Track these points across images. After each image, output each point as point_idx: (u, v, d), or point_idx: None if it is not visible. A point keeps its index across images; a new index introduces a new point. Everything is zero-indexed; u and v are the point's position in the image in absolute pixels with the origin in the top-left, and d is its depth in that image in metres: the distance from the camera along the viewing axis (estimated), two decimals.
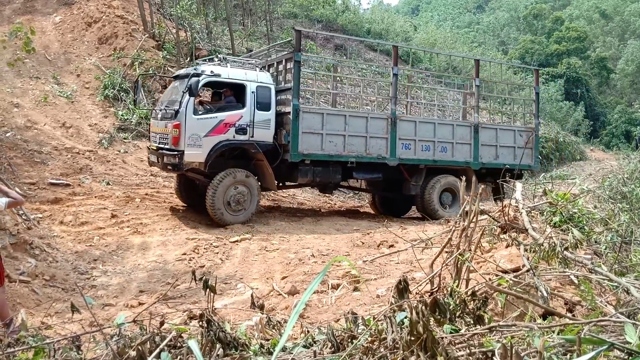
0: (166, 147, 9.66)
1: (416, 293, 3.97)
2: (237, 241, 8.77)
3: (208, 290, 2.93)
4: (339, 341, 2.59)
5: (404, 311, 2.52)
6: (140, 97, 14.34)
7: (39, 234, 8.05)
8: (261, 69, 10.80)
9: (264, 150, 10.08)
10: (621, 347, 2.09)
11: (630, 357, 2.09)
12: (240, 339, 2.67)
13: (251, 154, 10.13)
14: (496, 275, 3.82)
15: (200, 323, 2.68)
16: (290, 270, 7.21)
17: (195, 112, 9.62)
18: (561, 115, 33.30)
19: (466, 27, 60.33)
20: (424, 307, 2.37)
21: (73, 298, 6.14)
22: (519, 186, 5.54)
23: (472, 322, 2.93)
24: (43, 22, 16.95)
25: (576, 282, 3.76)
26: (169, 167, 9.67)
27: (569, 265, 3.87)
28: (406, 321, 2.37)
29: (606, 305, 3.27)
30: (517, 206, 4.97)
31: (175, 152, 9.42)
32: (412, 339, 2.25)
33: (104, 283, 7.10)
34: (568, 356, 2.23)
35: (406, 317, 2.38)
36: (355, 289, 5.97)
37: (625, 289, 3.30)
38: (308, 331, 2.96)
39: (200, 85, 9.54)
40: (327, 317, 5.08)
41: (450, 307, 2.89)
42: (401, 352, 2.27)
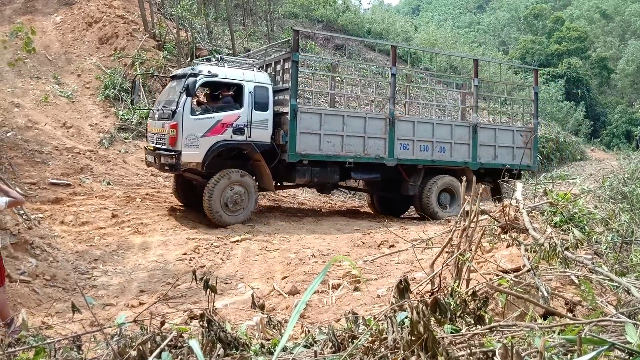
0: (163, 147, 9.63)
1: (417, 293, 3.97)
2: (237, 241, 8.77)
3: (209, 290, 2.93)
4: (339, 341, 2.59)
5: (404, 311, 2.52)
6: (141, 96, 14.35)
7: (39, 233, 8.06)
8: (259, 69, 10.76)
9: (262, 150, 10.05)
10: (622, 347, 2.09)
11: (631, 357, 2.09)
12: (240, 338, 2.67)
13: (249, 154, 10.09)
14: (497, 275, 3.82)
15: (200, 323, 2.68)
16: (291, 270, 7.21)
17: (193, 112, 9.57)
18: (562, 115, 33.31)
19: (467, 27, 60.31)
20: (424, 307, 2.37)
21: (74, 298, 6.13)
22: (519, 186, 5.54)
23: (472, 322, 2.93)
24: (44, 22, 16.96)
25: (577, 282, 3.75)
26: (166, 167, 9.64)
27: (569, 265, 3.87)
28: (407, 321, 2.37)
29: (607, 306, 3.27)
30: (517, 206, 4.97)
31: (173, 153, 9.39)
32: (413, 338, 2.26)
33: (104, 283, 7.11)
34: (569, 356, 2.23)
35: (407, 317, 2.38)
36: (356, 289, 5.97)
37: (626, 289, 3.31)
38: (309, 331, 2.97)
39: (197, 86, 9.49)
40: (328, 317, 5.08)
41: (451, 307, 2.89)
42: (402, 352, 2.27)
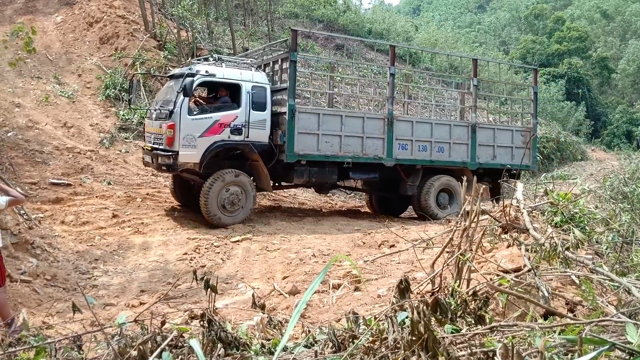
0: (160, 147, 9.58)
1: (417, 293, 3.97)
2: (238, 241, 8.77)
3: (209, 290, 2.93)
4: (340, 341, 2.59)
5: (405, 311, 2.52)
6: (141, 96, 14.35)
7: (40, 233, 8.06)
8: (257, 68, 10.71)
9: (260, 150, 10.00)
10: (622, 347, 2.09)
11: (631, 358, 2.09)
12: (241, 338, 2.67)
13: (246, 154, 10.05)
14: (497, 275, 3.82)
15: (201, 323, 2.68)
16: (291, 270, 7.21)
17: (190, 112, 9.50)
18: (562, 115, 33.30)
19: (467, 27, 60.31)
20: (425, 307, 2.37)
21: (74, 298, 6.14)
22: (520, 186, 5.54)
23: (473, 322, 2.93)
24: (44, 22, 16.97)
25: (577, 282, 3.75)
26: (163, 167, 9.58)
27: (570, 266, 3.87)
28: (407, 321, 2.37)
29: (607, 306, 3.27)
30: (518, 206, 4.97)
31: (170, 153, 9.34)
32: (414, 338, 2.26)
33: (105, 283, 7.11)
34: (569, 356, 2.23)
35: (407, 317, 2.38)
36: (356, 288, 5.97)
37: (627, 289, 3.31)
38: (309, 331, 2.97)
39: (195, 86, 9.44)
40: (328, 317, 5.08)
41: (452, 307, 2.89)
42: (402, 352, 2.27)
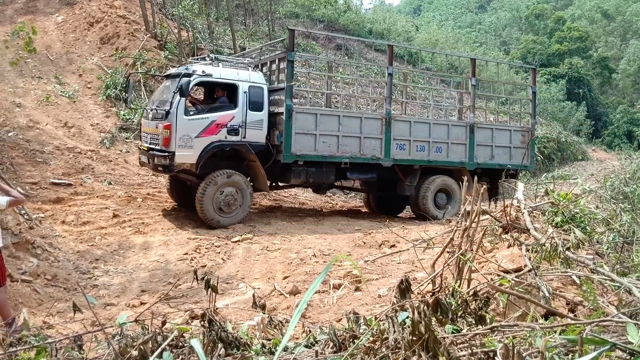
0: (157, 147, 9.54)
1: (418, 293, 3.97)
2: (238, 241, 8.77)
3: (210, 290, 2.93)
4: (340, 341, 2.59)
5: (405, 311, 2.52)
6: (142, 96, 14.35)
7: (40, 233, 8.07)
8: (254, 68, 10.65)
9: (257, 151, 9.93)
10: (623, 348, 2.08)
11: (632, 358, 2.09)
12: (242, 338, 2.67)
13: (243, 155, 9.99)
14: (498, 275, 3.82)
15: (202, 323, 2.68)
16: (292, 270, 7.21)
17: (186, 112, 9.45)
18: (563, 115, 33.30)
19: (468, 27, 60.30)
20: (425, 307, 2.37)
21: (75, 297, 6.13)
22: (520, 186, 5.54)
23: (473, 322, 2.93)
24: (45, 22, 16.98)
25: (578, 282, 3.75)
26: (159, 168, 9.54)
27: (570, 266, 3.87)
28: (408, 321, 2.36)
29: (608, 306, 3.27)
30: (519, 206, 4.97)
31: (166, 153, 9.29)
32: (414, 338, 2.26)
33: (105, 283, 7.11)
34: (570, 356, 2.23)
35: (408, 317, 2.38)
36: (357, 288, 5.97)
37: (627, 289, 3.30)
38: (310, 331, 2.97)
39: (191, 86, 9.40)
40: (329, 316, 5.09)
41: (452, 307, 2.89)
42: (403, 352, 2.27)
